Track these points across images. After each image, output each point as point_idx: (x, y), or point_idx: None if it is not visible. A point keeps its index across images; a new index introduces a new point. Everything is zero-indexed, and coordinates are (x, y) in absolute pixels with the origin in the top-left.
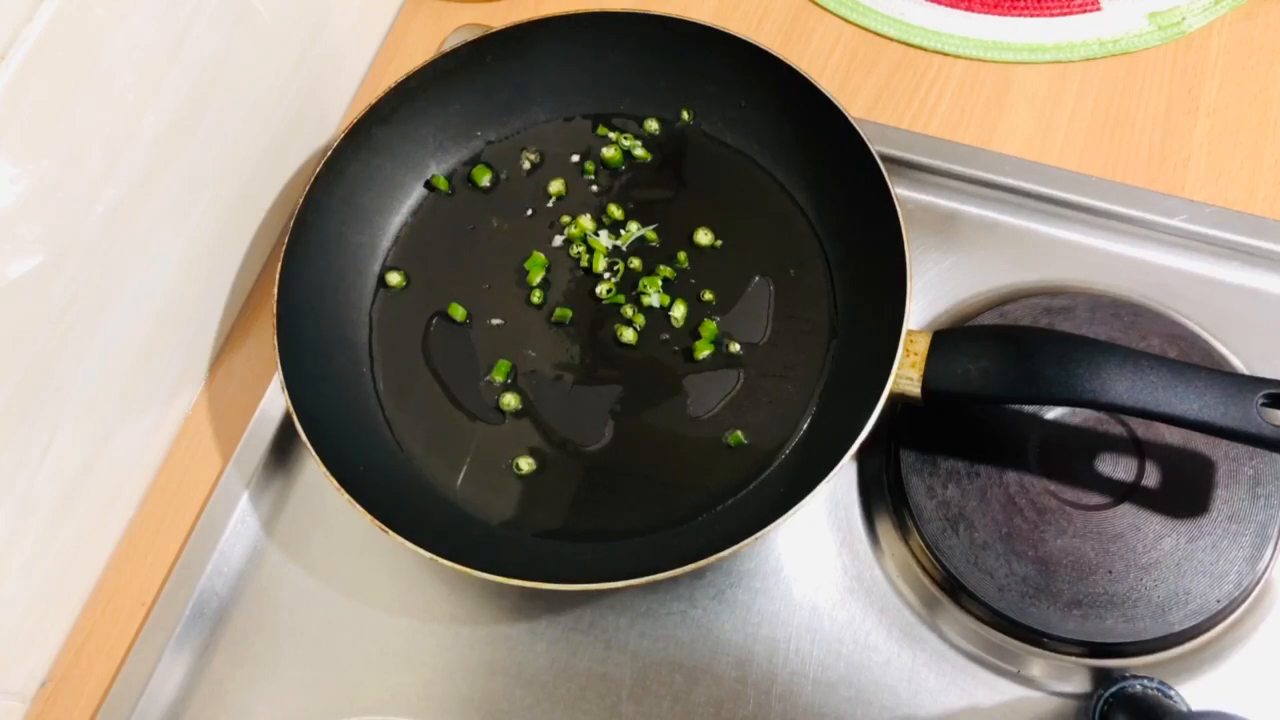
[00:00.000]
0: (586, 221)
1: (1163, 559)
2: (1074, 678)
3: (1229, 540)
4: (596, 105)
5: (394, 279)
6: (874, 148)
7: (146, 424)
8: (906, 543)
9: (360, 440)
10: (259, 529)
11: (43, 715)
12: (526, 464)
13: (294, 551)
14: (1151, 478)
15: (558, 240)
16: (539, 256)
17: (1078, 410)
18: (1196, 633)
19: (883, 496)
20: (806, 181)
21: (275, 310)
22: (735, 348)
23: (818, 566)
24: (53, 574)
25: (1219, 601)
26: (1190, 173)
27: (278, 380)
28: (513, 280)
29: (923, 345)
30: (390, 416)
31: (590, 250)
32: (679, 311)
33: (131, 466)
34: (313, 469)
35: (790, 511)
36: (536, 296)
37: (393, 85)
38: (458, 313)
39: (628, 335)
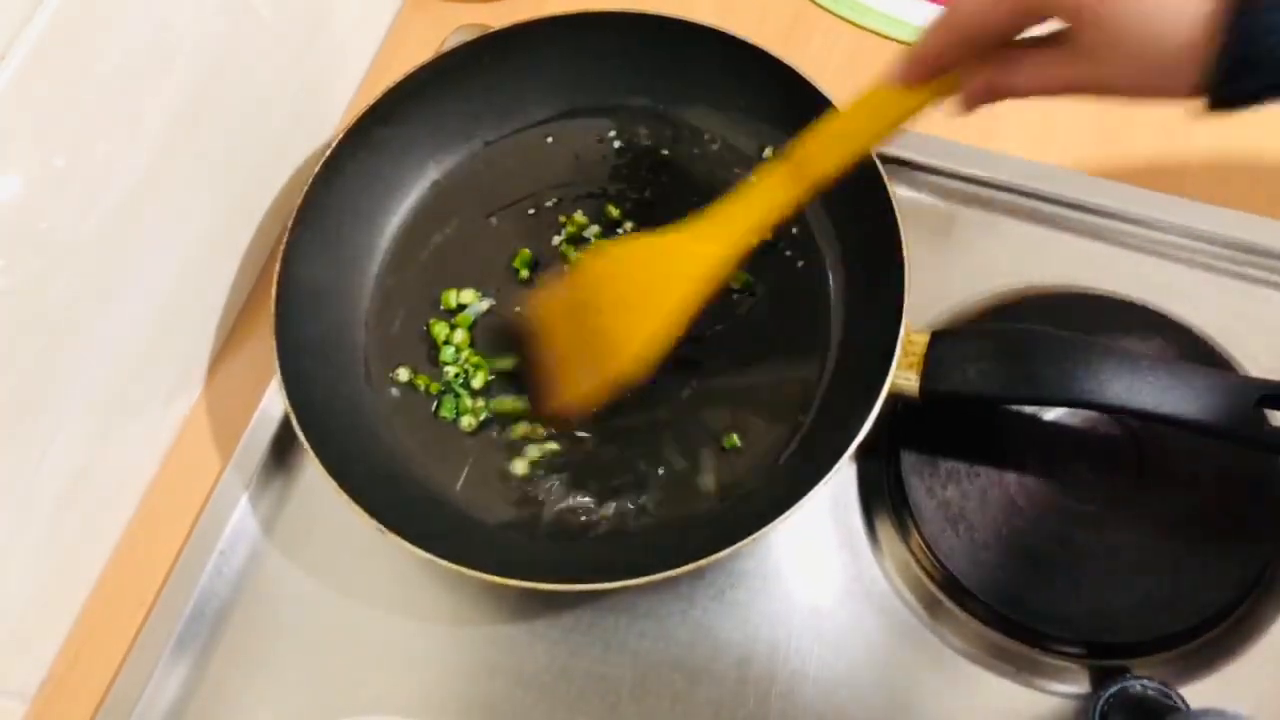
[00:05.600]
0: (585, 221)
1: (1162, 559)
2: (1074, 678)
3: (1229, 540)
4: (596, 104)
5: (394, 280)
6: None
7: (146, 424)
8: (906, 543)
9: (360, 440)
10: (259, 529)
11: (43, 715)
12: (526, 464)
13: (294, 551)
14: (1151, 478)
15: (557, 240)
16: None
17: (1077, 410)
18: (1196, 633)
19: (883, 496)
20: None
21: (275, 310)
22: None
23: (818, 566)
24: (53, 574)
25: (1219, 601)
26: (1190, 173)
27: (277, 380)
28: (512, 280)
29: (921, 345)
30: (390, 417)
31: None
32: None
33: (131, 467)
34: (313, 469)
35: (790, 511)
36: None
37: (393, 85)
38: None
39: None
